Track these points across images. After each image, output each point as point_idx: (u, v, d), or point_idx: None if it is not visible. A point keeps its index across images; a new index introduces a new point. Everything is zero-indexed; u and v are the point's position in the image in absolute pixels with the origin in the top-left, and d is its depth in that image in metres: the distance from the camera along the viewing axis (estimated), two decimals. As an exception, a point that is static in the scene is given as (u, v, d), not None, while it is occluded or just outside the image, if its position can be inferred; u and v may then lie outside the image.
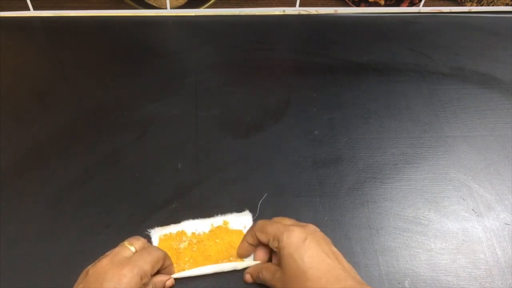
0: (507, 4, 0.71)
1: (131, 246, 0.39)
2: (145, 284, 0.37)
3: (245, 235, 0.43)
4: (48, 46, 0.64)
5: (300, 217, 0.47)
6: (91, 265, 0.38)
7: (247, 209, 0.46)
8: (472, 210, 0.49)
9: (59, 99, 0.57)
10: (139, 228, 0.45)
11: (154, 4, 0.67)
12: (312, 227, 0.40)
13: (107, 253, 0.38)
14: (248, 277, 0.42)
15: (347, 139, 0.54)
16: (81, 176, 0.49)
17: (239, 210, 0.46)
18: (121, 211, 0.47)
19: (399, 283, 0.43)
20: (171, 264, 0.41)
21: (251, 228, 0.42)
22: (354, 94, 0.59)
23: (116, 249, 0.38)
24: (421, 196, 0.49)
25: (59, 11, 0.67)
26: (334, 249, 0.39)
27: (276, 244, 0.39)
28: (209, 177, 0.50)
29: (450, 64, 0.64)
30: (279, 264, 0.39)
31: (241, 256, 0.43)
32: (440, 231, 0.47)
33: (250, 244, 0.42)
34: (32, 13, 0.66)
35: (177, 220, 0.46)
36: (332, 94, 0.59)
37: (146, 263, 0.37)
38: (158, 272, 0.40)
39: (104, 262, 0.36)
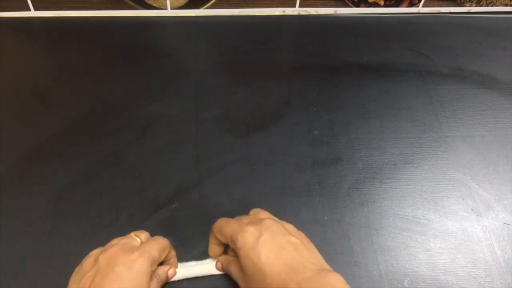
0: (506, 5, 0.71)
1: (138, 237, 0.39)
2: (152, 271, 0.38)
3: (210, 237, 0.43)
4: (48, 46, 0.64)
5: (300, 217, 0.47)
6: (100, 252, 0.38)
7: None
8: (472, 209, 0.49)
9: (59, 99, 0.57)
10: (139, 228, 0.45)
11: (154, 5, 0.68)
12: (268, 222, 0.39)
13: (114, 242, 0.38)
14: (219, 266, 0.42)
15: (347, 139, 0.54)
16: (81, 176, 0.49)
17: (239, 210, 0.46)
18: (121, 211, 0.47)
19: (398, 283, 0.43)
20: (175, 256, 0.42)
21: (212, 229, 0.42)
22: (354, 94, 0.60)
23: (124, 239, 0.39)
24: (421, 196, 0.50)
25: (60, 11, 0.67)
26: (293, 239, 0.38)
27: (233, 246, 0.39)
28: (209, 177, 0.50)
29: (449, 64, 0.64)
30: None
31: (214, 256, 0.43)
32: (439, 231, 0.47)
33: (216, 245, 0.42)
34: (32, 13, 0.66)
35: (176, 220, 0.46)
36: (332, 94, 0.59)
37: (154, 250, 0.38)
38: (161, 263, 0.40)
39: (115, 249, 0.37)
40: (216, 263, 0.42)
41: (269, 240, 0.37)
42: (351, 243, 0.46)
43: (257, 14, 0.69)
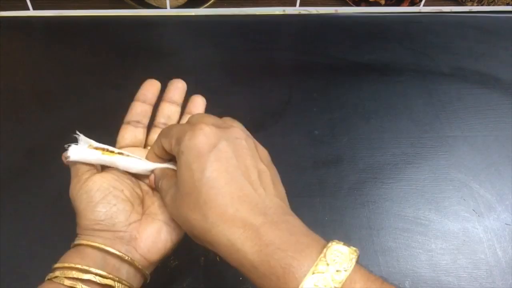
0: (507, 4, 0.71)
1: None
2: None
3: (152, 145, 0.34)
4: (48, 46, 0.64)
5: (300, 218, 0.47)
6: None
7: None
8: (473, 210, 0.49)
9: (59, 99, 0.56)
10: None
11: (154, 4, 0.67)
12: (235, 131, 0.29)
13: None
14: (151, 178, 0.33)
15: (347, 139, 0.54)
16: (81, 176, 0.49)
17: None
18: (121, 211, 0.47)
19: (399, 284, 0.43)
20: None
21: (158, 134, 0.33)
22: (355, 94, 0.59)
23: None
24: (422, 196, 0.49)
25: (59, 10, 0.67)
26: (261, 165, 0.29)
27: (176, 149, 0.29)
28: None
29: (450, 64, 0.64)
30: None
31: None
32: (440, 232, 0.47)
33: (157, 156, 0.33)
34: (31, 12, 0.66)
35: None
36: (332, 94, 0.59)
37: None
38: None
39: None
40: (150, 176, 0.33)
41: (227, 155, 0.27)
42: (352, 243, 0.45)
43: (257, 13, 0.69)
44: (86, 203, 0.31)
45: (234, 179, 0.26)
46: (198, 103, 0.40)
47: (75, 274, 0.30)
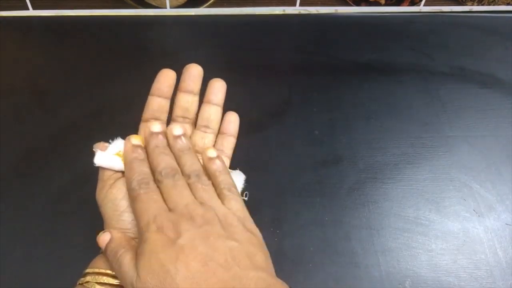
0: (508, 4, 0.71)
1: None
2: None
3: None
4: (47, 45, 0.64)
5: (300, 217, 0.47)
6: None
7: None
8: (473, 210, 0.49)
9: (59, 99, 0.56)
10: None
11: (153, 4, 0.67)
12: (200, 218, 0.27)
13: None
14: (101, 239, 0.30)
15: (347, 139, 0.54)
16: (81, 176, 0.49)
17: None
18: (121, 212, 0.47)
19: (399, 284, 0.43)
20: None
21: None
22: (355, 94, 0.59)
23: None
24: (422, 197, 0.49)
25: (59, 10, 0.66)
26: (232, 243, 0.26)
27: (139, 231, 0.27)
28: (209, 177, 0.50)
29: (451, 63, 0.64)
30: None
31: None
32: (441, 232, 0.47)
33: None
34: (31, 12, 0.66)
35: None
36: (332, 94, 0.59)
37: None
38: None
39: None
40: (102, 234, 0.30)
41: (192, 245, 0.25)
42: (352, 244, 0.45)
43: (257, 13, 0.69)
44: (111, 211, 0.31)
45: (204, 267, 0.25)
46: (217, 88, 0.37)
47: (106, 279, 0.29)
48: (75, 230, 0.45)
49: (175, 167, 0.30)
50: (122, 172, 0.33)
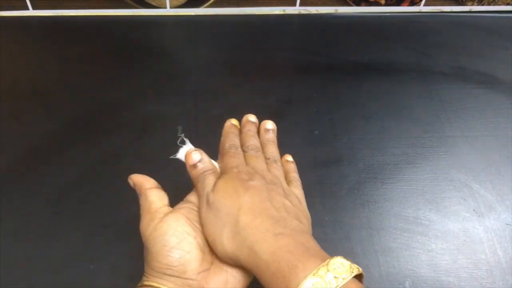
0: (508, 4, 0.71)
1: None
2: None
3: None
4: (47, 46, 0.64)
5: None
6: None
7: None
8: (473, 210, 0.49)
9: (59, 99, 0.56)
10: (139, 228, 0.45)
11: (153, 4, 0.67)
12: (270, 176, 0.35)
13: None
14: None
15: (347, 139, 0.54)
16: (81, 176, 0.49)
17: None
18: (121, 211, 0.47)
19: (399, 284, 0.43)
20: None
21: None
22: (355, 94, 0.59)
23: None
24: (422, 197, 0.49)
25: (58, 10, 0.67)
26: (287, 203, 0.33)
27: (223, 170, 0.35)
28: (209, 177, 0.50)
29: (451, 63, 0.64)
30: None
31: None
32: (441, 232, 0.47)
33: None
34: (31, 12, 0.66)
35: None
36: (332, 94, 0.59)
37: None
38: None
39: None
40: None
41: (260, 188, 0.32)
42: (352, 244, 0.45)
43: (257, 13, 0.69)
44: (160, 246, 0.32)
45: (262, 202, 0.31)
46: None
47: None
48: (75, 230, 0.45)
49: (260, 147, 0.38)
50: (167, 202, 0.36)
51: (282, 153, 0.53)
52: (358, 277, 0.27)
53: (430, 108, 0.58)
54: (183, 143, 0.37)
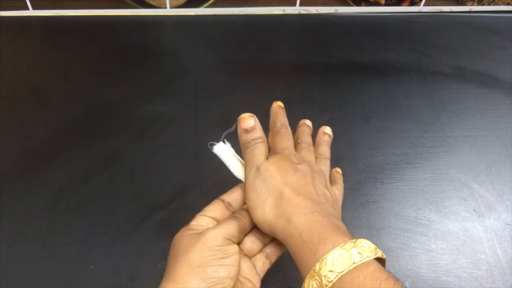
0: (508, 4, 0.71)
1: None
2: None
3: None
4: (47, 45, 0.64)
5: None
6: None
7: None
8: (473, 210, 0.49)
9: (59, 99, 0.56)
10: (139, 228, 0.45)
11: (153, 4, 0.67)
12: (320, 168, 0.37)
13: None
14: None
15: (347, 139, 0.54)
16: (81, 176, 0.49)
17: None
18: (121, 211, 0.47)
19: (399, 284, 0.43)
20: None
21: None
22: (355, 94, 0.59)
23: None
24: (422, 197, 0.49)
25: (58, 10, 0.66)
26: (327, 192, 0.35)
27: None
28: (209, 177, 0.50)
29: (451, 63, 0.64)
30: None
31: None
32: (441, 232, 0.47)
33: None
34: (31, 12, 0.66)
35: (176, 221, 0.46)
36: (332, 94, 0.59)
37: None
38: None
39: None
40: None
41: (305, 172, 0.35)
42: (352, 244, 0.45)
43: (257, 13, 0.69)
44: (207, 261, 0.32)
45: (307, 185, 0.34)
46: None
47: None
48: (75, 230, 0.45)
49: (311, 143, 0.40)
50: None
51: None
52: (381, 262, 0.29)
53: (430, 108, 0.58)
54: (224, 141, 0.38)
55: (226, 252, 0.32)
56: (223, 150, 0.38)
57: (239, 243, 0.35)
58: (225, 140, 0.38)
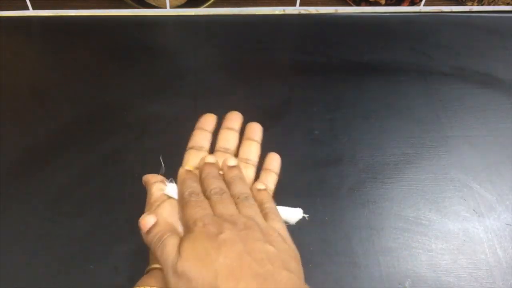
0: (508, 4, 0.71)
1: None
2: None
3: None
4: (47, 45, 0.64)
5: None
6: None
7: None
8: (473, 210, 0.49)
9: (59, 99, 0.56)
10: (138, 228, 0.45)
11: (153, 4, 0.67)
12: (242, 221, 0.30)
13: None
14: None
15: (347, 139, 0.54)
16: (81, 176, 0.49)
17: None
18: (121, 211, 0.47)
19: (399, 284, 0.43)
20: None
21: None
22: (355, 94, 0.59)
23: None
24: (422, 197, 0.49)
25: (58, 10, 0.66)
26: (269, 247, 0.29)
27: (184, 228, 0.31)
28: (209, 177, 0.50)
29: (451, 63, 0.64)
30: None
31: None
32: (441, 232, 0.47)
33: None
34: (31, 12, 0.66)
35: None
36: (332, 94, 0.59)
37: None
38: None
39: None
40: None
41: (233, 241, 0.28)
42: (352, 244, 0.45)
43: (257, 13, 0.69)
44: None
45: (241, 258, 0.27)
46: (257, 128, 0.41)
47: None
48: (75, 230, 0.45)
49: (225, 188, 0.33)
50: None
51: (282, 153, 0.53)
52: None
53: (430, 108, 0.58)
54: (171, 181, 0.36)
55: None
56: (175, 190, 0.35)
57: None
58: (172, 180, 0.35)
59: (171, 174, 0.51)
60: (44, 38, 0.64)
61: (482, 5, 0.71)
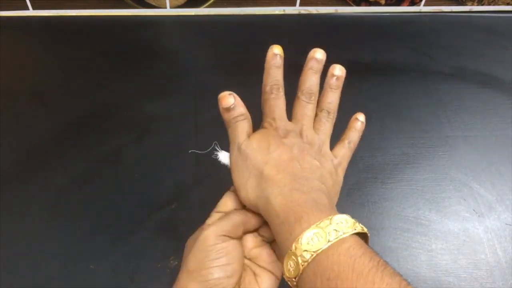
0: (508, 4, 0.71)
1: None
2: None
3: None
4: (47, 46, 0.64)
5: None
6: None
7: None
8: (473, 210, 0.49)
9: (59, 99, 0.56)
10: (139, 228, 0.45)
11: (153, 4, 0.67)
12: (301, 138, 0.35)
13: None
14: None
15: (347, 139, 0.54)
16: (81, 176, 0.49)
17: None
18: (121, 211, 0.47)
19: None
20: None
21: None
22: (355, 94, 0.59)
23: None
24: (422, 197, 0.49)
25: (58, 10, 0.66)
26: (316, 163, 0.34)
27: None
28: (209, 177, 0.50)
29: (451, 63, 0.64)
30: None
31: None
32: (441, 232, 0.47)
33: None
34: (31, 12, 0.66)
35: (176, 221, 0.46)
36: (332, 94, 0.59)
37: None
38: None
39: None
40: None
41: (291, 145, 0.34)
42: (352, 244, 0.45)
43: (257, 13, 0.69)
44: (203, 258, 0.31)
45: (290, 160, 0.33)
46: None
47: None
48: (75, 230, 0.45)
49: (316, 91, 0.38)
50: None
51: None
52: (363, 237, 0.29)
53: (430, 108, 0.58)
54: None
55: (219, 251, 0.31)
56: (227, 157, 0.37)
57: (258, 230, 0.34)
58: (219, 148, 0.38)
59: (171, 174, 0.51)
60: (44, 38, 0.64)
61: (482, 5, 0.71)
